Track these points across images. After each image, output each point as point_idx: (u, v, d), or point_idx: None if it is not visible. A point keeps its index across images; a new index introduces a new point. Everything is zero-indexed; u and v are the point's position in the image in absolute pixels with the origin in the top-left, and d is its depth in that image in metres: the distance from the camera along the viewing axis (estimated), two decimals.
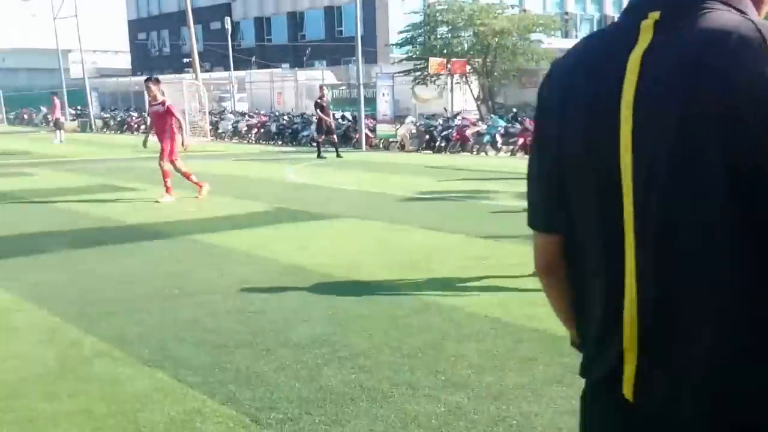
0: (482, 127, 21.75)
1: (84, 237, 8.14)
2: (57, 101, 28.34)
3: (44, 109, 38.30)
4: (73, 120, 38.91)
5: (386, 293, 5.56)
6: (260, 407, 3.54)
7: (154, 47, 66.24)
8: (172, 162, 10.82)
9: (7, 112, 45.22)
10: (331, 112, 20.39)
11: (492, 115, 24.32)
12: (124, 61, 71.79)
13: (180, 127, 10.95)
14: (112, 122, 36.60)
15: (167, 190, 10.82)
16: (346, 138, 25.11)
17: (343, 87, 28.79)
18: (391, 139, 23.28)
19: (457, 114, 24.17)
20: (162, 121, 10.79)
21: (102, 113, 39.17)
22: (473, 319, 4.86)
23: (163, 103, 10.72)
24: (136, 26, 67.05)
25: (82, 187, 12.76)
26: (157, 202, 10.66)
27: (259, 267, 6.56)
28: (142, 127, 32.60)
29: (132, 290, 5.78)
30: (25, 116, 43.88)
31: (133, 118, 35.02)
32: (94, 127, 36.87)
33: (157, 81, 11.02)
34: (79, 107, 40.35)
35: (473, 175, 14.71)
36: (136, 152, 21.52)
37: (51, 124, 30.55)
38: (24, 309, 5.27)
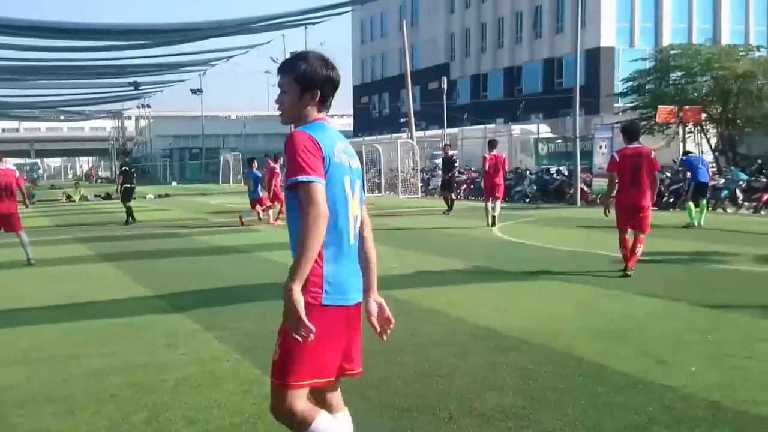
0: (719, 181, 20.00)
1: None
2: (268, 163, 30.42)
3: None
4: None
5: (587, 366, 5.08)
6: None
7: (375, 109, 70.06)
8: None
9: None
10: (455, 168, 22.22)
11: (731, 168, 22.38)
12: (348, 125, 76.70)
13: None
14: None
15: None
16: (560, 193, 24.39)
17: (559, 141, 28.09)
18: None
19: None
20: None
21: None
22: (688, 402, 4.27)
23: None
24: (359, 91, 71.51)
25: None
26: None
27: (451, 328, 6.37)
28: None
29: None
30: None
31: None
32: None
33: None
34: None
35: (708, 234, 13.46)
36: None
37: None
38: (231, 359, 5.52)
